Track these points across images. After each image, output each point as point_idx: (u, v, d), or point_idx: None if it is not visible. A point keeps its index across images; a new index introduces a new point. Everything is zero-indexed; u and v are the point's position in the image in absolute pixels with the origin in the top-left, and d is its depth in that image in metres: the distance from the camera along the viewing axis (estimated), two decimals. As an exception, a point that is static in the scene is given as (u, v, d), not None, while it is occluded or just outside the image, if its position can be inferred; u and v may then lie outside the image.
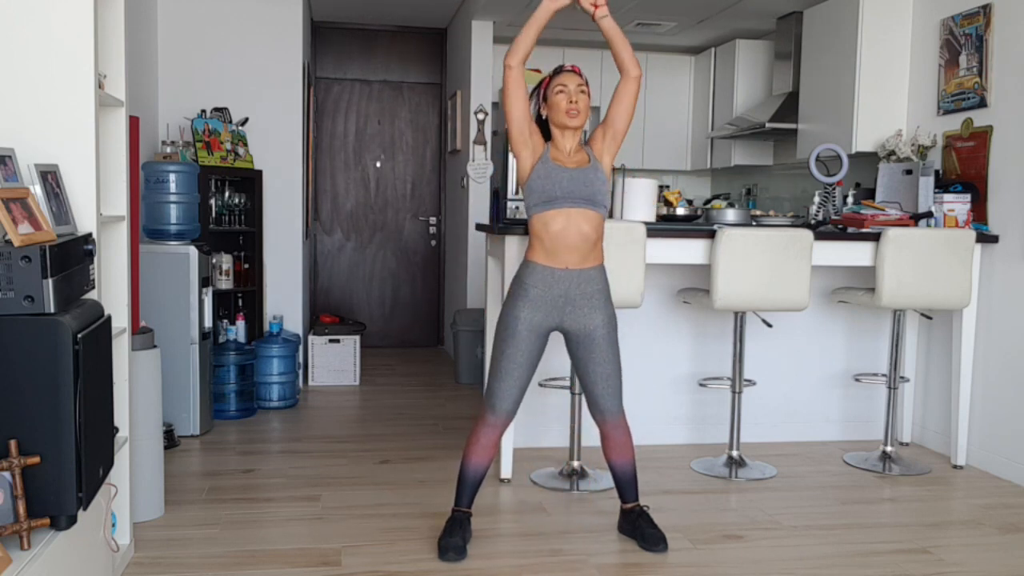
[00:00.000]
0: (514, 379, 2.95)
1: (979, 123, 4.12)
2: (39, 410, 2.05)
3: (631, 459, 3.11)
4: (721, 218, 4.10)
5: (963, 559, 2.99)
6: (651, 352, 4.35)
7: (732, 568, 2.88)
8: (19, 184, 2.24)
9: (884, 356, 4.50)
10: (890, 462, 4.05)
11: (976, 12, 4.13)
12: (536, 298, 2.93)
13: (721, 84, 6.76)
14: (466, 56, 6.30)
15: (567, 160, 2.98)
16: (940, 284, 3.85)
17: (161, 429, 3.23)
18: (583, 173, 2.94)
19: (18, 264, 2.01)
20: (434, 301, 7.42)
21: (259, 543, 2.99)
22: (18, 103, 2.42)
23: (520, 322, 2.94)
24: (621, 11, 5.92)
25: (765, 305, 3.72)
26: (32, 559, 1.98)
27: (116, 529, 2.75)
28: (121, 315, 2.78)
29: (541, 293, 2.93)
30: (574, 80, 2.98)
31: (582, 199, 2.91)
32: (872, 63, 4.69)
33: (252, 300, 5.27)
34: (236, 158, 5.15)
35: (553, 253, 2.93)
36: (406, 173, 7.32)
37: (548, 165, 2.94)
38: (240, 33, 5.42)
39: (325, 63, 7.12)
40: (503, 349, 2.96)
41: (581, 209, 2.91)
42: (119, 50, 2.76)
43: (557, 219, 2.91)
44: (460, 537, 2.93)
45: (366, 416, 4.89)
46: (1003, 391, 3.97)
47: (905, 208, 4.24)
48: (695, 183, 7.56)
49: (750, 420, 4.40)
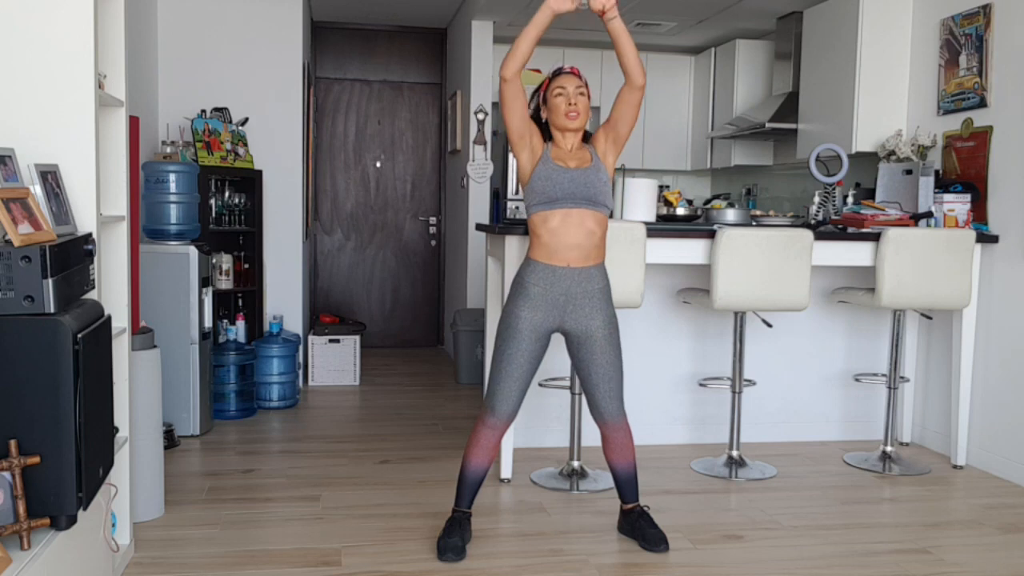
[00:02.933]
0: (514, 380, 2.95)
1: (979, 123, 4.12)
2: (39, 410, 2.05)
3: (632, 460, 3.11)
4: (721, 218, 4.10)
5: (963, 559, 2.99)
6: (651, 352, 4.35)
7: (732, 568, 2.88)
8: (19, 184, 2.24)
9: (884, 356, 4.50)
10: (890, 462, 4.05)
11: (976, 12, 4.13)
12: (537, 296, 2.93)
13: (721, 84, 6.76)
14: (466, 56, 6.30)
15: (569, 159, 2.98)
16: (940, 284, 3.85)
17: (161, 429, 3.23)
18: (584, 174, 2.94)
19: (18, 264, 2.01)
20: (434, 301, 7.42)
21: (259, 543, 2.99)
22: (18, 103, 2.42)
23: (521, 321, 2.94)
24: (621, 11, 5.91)
25: (765, 305, 3.72)
26: (32, 559, 1.98)
27: (116, 529, 2.75)
28: (121, 315, 2.78)
29: (542, 291, 2.93)
30: (573, 82, 2.98)
31: (584, 199, 2.91)
32: (872, 63, 4.69)
33: (252, 300, 5.27)
34: (236, 158, 5.15)
35: (553, 251, 2.92)
36: (406, 173, 7.32)
37: (549, 166, 2.94)
38: (240, 33, 5.42)
39: (325, 63, 7.12)
40: (503, 349, 2.96)
41: (582, 209, 2.91)
42: (119, 50, 2.76)
43: (557, 219, 2.91)
44: (459, 537, 2.93)
45: (366, 416, 4.89)
46: (1003, 391, 3.97)
47: (905, 208, 4.24)
48: (695, 183, 7.56)
49: (750, 420, 4.40)
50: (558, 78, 3.01)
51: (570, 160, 2.98)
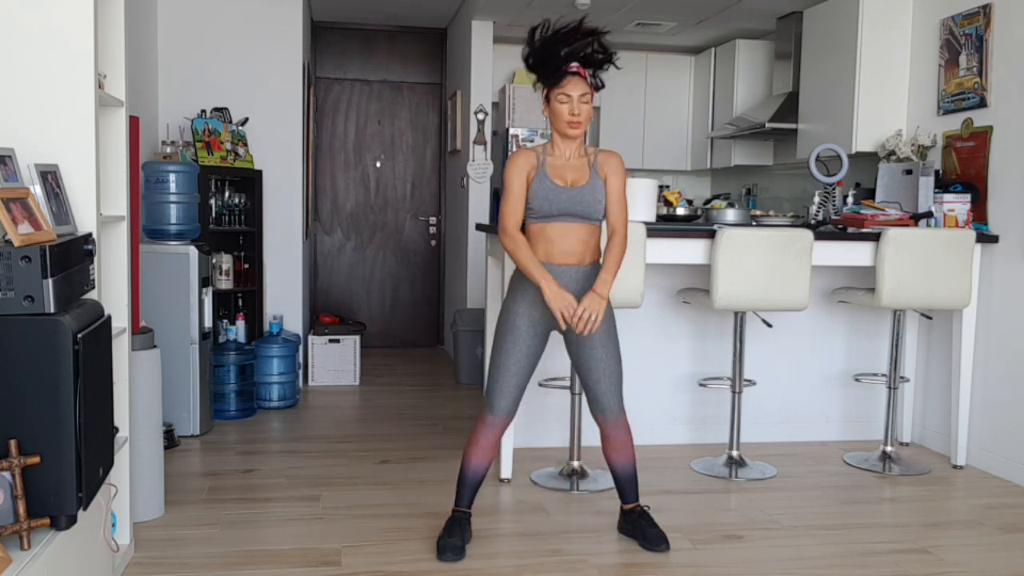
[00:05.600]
0: (512, 375, 2.95)
1: (979, 123, 4.12)
2: (39, 410, 2.05)
3: (632, 459, 3.11)
4: (721, 218, 4.10)
5: (963, 559, 2.99)
6: (651, 352, 4.35)
7: (732, 568, 2.88)
8: (19, 184, 2.24)
9: (884, 356, 4.50)
10: (890, 462, 4.05)
11: (976, 12, 4.13)
12: (535, 294, 2.93)
13: (721, 84, 6.76)
14: (466, 56, 6.29)
15: (566, 171, 2.96)
16: (940, 284, 3.85)
17: (161, 429, 3.23)
18: (579, 193, 2.92)
19: (18, 264, 2.01)
20: (434, 301, 7.42)
21: (259, 543, 2.99)
22: (18, 103, 2.42)
23: (519, 317, 2.94)
24: (621, 11, 5.91)
25: (765, 305, 3.72)
26: (32, 559, 1.98)
27: (116, 529, 2.75)
28: (121, 315, 2.78)
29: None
30: (578, 89, 2.92)
31: (578, 216, 2.94)
32: (872, 63, 4.69)
33: (252, 300, 5.27)
34: (236, 158, 5.15)
35: (551, 253, 2.95)
36: (406, 173, 7.32)
37: (546, 184, 2.93)
38: (240, 33, 5.42)
39: (325, 63, 7.12)
40: (502, 345, 2.96)
41: (578, 223, 2.94)
42: (119, 50, 2.76)
43: (555, 229, 2.94)
44: (459, 537, 2.93)
45: (366, 416, 4.89)
46: (1003, 391, 3.97)
47: (905, 208, 4.24)
48: (695, 183, 7.56)
49: (750, 420, 4.40)
50: (564, 81, 2.94)
51: (567, 173, 2.95)
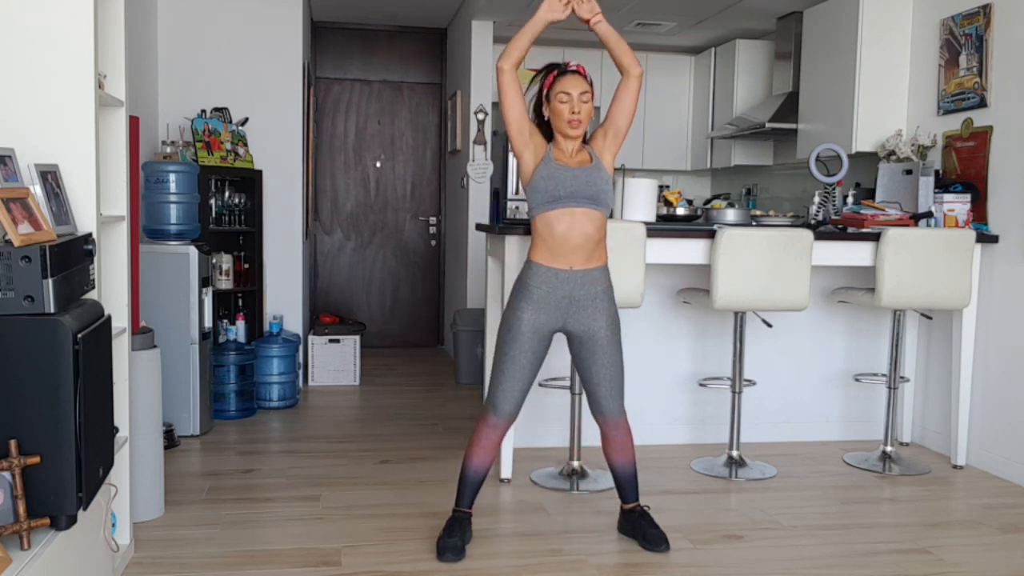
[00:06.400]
0: (516, 380, 2.95)
1: (979, 123, 4.12)
2: (39, 410, 2.05)
3: (632, 459, 3.11)
4: (721, 218, 4.10)
5: (963, 559, 2.99)
6: (651, 352, 4.35)
7: (732, 568, 2.88)
8: (19, 184, 2.24)
9: (884, 356, 4.50)
10: (890, 462, 4.05)
11: (976, 12, 4.13)
12: (540, 299, 2.93)
13: (721, 84, 6.76)
14: (466, 56, 6.29)
15: (570, 160, 2.98)
16: (940, 284, 3.85)
17: (161, 429, 3.23)
18: (586, 172, 2.93)
19: (18, 264, 2.01)
20: (434, 301, 7.42)
21: (259, 543, 2.99)
22: (18, 103, 2.42)
23: (524, 323, 2.93)
24: (621, 11, 5.92)
25: (765, 305, 3.72)
26: (32, 559, 1.98)
27: (116, 529, 2.75)
28: (121, 315, 2.78)
29: (545, 294, 2.93)
30: (578, 87, 2.93)
31: (586, 198, 2.91)
32: (872, 63, 4.69)
33: (252, 300, 5.27)
34: (236, 158, 5.15)
35: (557, 254, 2.92)
36: (406, 173, 7.32)
37: (551, 165, 2.94)
38: (240, 33, 5.42)
39: (325, 63, 7.12)
40: (506, 350, 2.95)
41: (585, 208, 2.91)
42: (119, 50, 2.76)
43: (562, 220, 2.90)
44: (459, 538, 2.93)
45: (366, 416, 4.89)
46: (1003, 391, 3.97)
47: (905, 208, 4.24)
48: (695, 183, 7.56)
49: (750, 420, 4.40)
50: (563, 80, 2.95)
51: (571, 160, 2.98)
